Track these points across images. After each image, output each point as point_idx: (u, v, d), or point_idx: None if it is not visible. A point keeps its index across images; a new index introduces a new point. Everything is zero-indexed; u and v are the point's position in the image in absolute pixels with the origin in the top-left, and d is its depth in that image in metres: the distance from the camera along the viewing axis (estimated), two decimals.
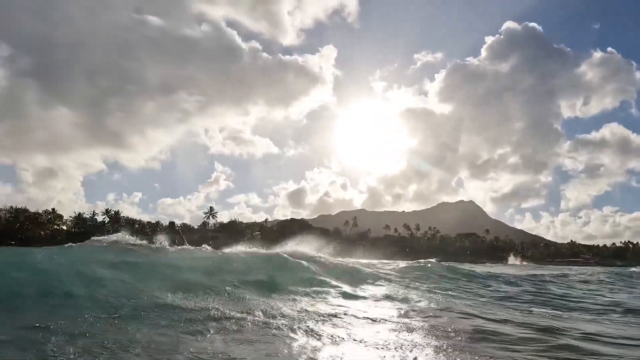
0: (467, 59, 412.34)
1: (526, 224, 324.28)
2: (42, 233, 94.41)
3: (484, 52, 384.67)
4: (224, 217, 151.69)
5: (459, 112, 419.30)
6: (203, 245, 19.42)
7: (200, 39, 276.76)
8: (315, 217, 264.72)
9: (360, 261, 25.92)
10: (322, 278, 12.96)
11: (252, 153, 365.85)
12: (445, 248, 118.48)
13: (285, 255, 14.70)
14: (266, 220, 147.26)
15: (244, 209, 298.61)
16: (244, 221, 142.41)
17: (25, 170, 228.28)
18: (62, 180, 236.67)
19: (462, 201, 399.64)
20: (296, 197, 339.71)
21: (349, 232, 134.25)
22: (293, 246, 22.64)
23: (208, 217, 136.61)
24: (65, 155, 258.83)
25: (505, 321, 7.65)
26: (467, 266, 28.60)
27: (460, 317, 8.03)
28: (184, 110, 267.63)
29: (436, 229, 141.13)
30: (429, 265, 21.01)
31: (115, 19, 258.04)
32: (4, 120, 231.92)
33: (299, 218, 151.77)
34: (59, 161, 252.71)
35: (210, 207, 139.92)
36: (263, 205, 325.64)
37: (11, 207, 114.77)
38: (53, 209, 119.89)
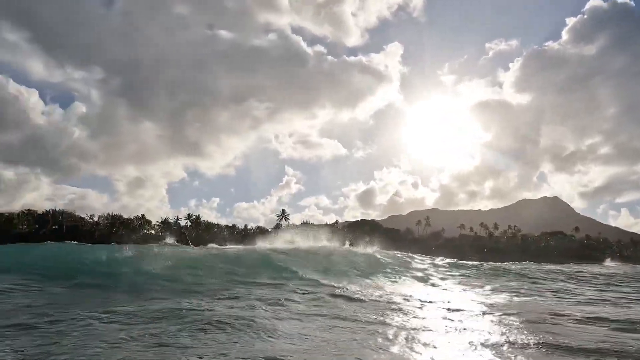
0: (546, 44, 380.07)
1: (622, 221, 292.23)
2: (134, 237, 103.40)
3: (565, 35, 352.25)
4: (296, 219, 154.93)
5: (538, 101, 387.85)
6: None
7: (268, 48, 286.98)
8: (385, 217, 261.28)
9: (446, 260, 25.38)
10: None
11: (321, 156, 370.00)
12: (528, 248, 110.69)
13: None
14: (336, 222, 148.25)
15: (315, 211, 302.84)
16: (315, 223, 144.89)
17: (118, 181, 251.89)
18: (150, 188, 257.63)
19: (545, 197, 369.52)
20: (366, 198, 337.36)
21: (422, 232, 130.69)
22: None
23: (281, 220, 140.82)
24: (151, 165, 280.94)
25: None
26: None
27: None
28: (255, 118, 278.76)
29: (517, 227, 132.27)
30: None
31: (190, 37, 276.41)
32: (100, 137, 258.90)
33: (369, 219, 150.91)
34: (147, 171, 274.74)
35: (283, 210, 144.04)
36: (333, 207, 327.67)
37: (108, 214, 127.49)
38: (143, 215, 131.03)
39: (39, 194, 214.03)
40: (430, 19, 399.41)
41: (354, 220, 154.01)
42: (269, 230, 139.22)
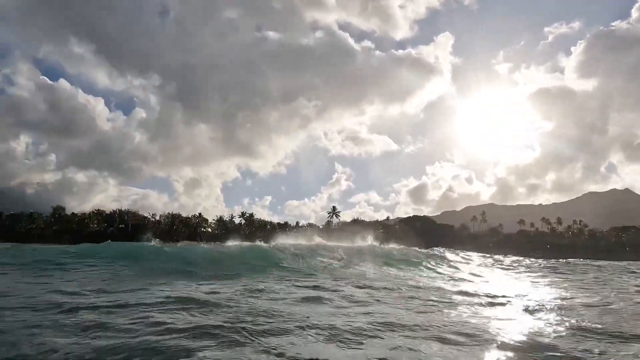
0: (613, 24, 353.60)
1: None
2: (192, 234, 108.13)
3: (635, 14, 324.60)
4: (346, 216, 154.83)
5: (605, 87, 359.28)
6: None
7: (315, 46, 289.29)
8: (438, 213, 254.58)
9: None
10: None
11: (370, 152, 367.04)
12: (596, 244, 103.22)
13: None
14: (387, 218, 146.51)
15: (365, 207, 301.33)
16: (366, 220, 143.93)
17: (176, 182, 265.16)
18: (206, 188, 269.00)
19: (614, 190, 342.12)
20: (418, 194, 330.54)
21: (477, 228, 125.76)
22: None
23: (331, 217, 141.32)
24: (206, 166, 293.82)
25: None
26: None
27: None
28: (304, 116, 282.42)
29: (583, 222, 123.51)
30: None
31: (240, 39, 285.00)
32: (158, 140, 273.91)
33: (422, 215, 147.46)
34: (202, 172, 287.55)
35: (333, 207, 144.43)
36: (384, 203, 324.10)
37: (168, 213, 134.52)
38: (200, 214, 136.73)
39: (107, 195, 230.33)
40: (483, 6, 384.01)
41: (405, 216, 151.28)
42: (320, 227, 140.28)
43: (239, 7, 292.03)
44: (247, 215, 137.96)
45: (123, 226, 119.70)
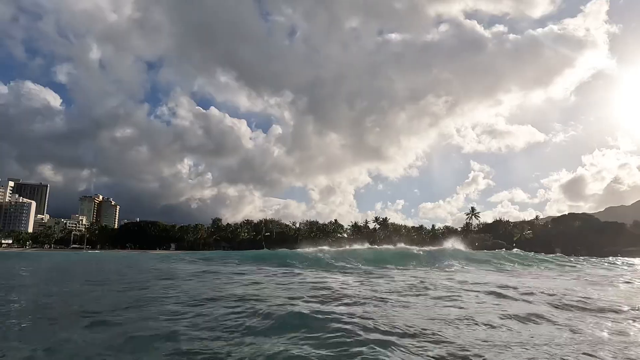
0: None
1: None
2: (329, 240, 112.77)
3: None
4: (487, 217, 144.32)
5: None
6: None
7: (441, 40, 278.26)
8: (601, 210, 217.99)
9: None
10: None
11: (512, 145, 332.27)
12: None
13: None
14: (537, 218, 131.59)
15: (509, 207, 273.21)
16: (510, 220, 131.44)
17: (312, 190, 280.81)
18: (339, 195, 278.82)
19: None
20: (573, 188, 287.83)
21: None
22: None
23: (470, 218, 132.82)
24: (339, 173, 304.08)
25: None
26: None
27: None
28: (434, 114, 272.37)
29: None
30: None
31: (363, 46, 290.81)
32: (294, 153, 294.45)
33: (580, 212, 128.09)
34: (335, 179, 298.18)
35: (472, 208, 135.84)
36: (531, 201, 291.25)
37: (307, 221, 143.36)
38: (335, 220, 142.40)
39: (254, 206, 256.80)
40: None
41: (559, 214, 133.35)
42: (458, 229, 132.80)
43: (360, 14, 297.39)
44: (381, 219, 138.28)
45: (268, 234, 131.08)
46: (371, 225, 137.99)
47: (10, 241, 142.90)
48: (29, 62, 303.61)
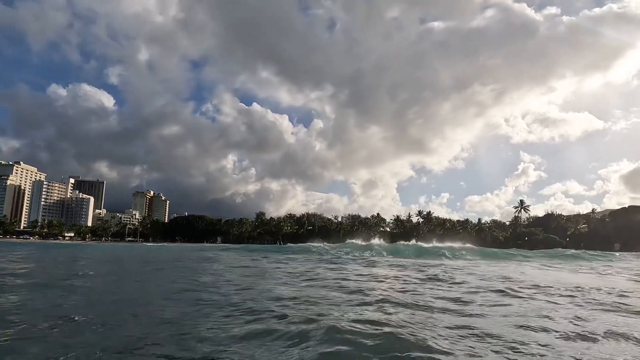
0: None
1: None
2: (372, 234, 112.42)
3: None
4: (537, 210, 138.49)
5: None
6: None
7: (487, 26, 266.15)
8: None
9: None
10: None
11: (566, 134, 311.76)
12: None
13: None
14: (593, 211, 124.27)
15: (562, 200, 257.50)
16: (564, 214, 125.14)
17: (354, 184, 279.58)
18: (381, 188, 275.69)
19: None
20: (635, 179, 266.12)
21: None
22: None
23: (519, 212, 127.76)
24: (381, 167, 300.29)
25: None
26: None
27: None
28: (480, 103, 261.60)
29: None
30: None
31: (405, 36, 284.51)
32: (336, 147, 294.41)
33: None
34: (377, 173, 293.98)
35: (521, 201, 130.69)
36: (588, 193, 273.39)
37: (349, 214, 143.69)
38: (378, 214, 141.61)
39: (296, 200, 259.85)
40: None
41: (619, 207, 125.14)
42: (506, 223, 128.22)
43: (400, 3, 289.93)
44: (425, 213, 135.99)
45: (311, 227, 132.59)
46: (414, 219, 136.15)
47: (72, 234, 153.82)
48: (84, 65, 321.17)
